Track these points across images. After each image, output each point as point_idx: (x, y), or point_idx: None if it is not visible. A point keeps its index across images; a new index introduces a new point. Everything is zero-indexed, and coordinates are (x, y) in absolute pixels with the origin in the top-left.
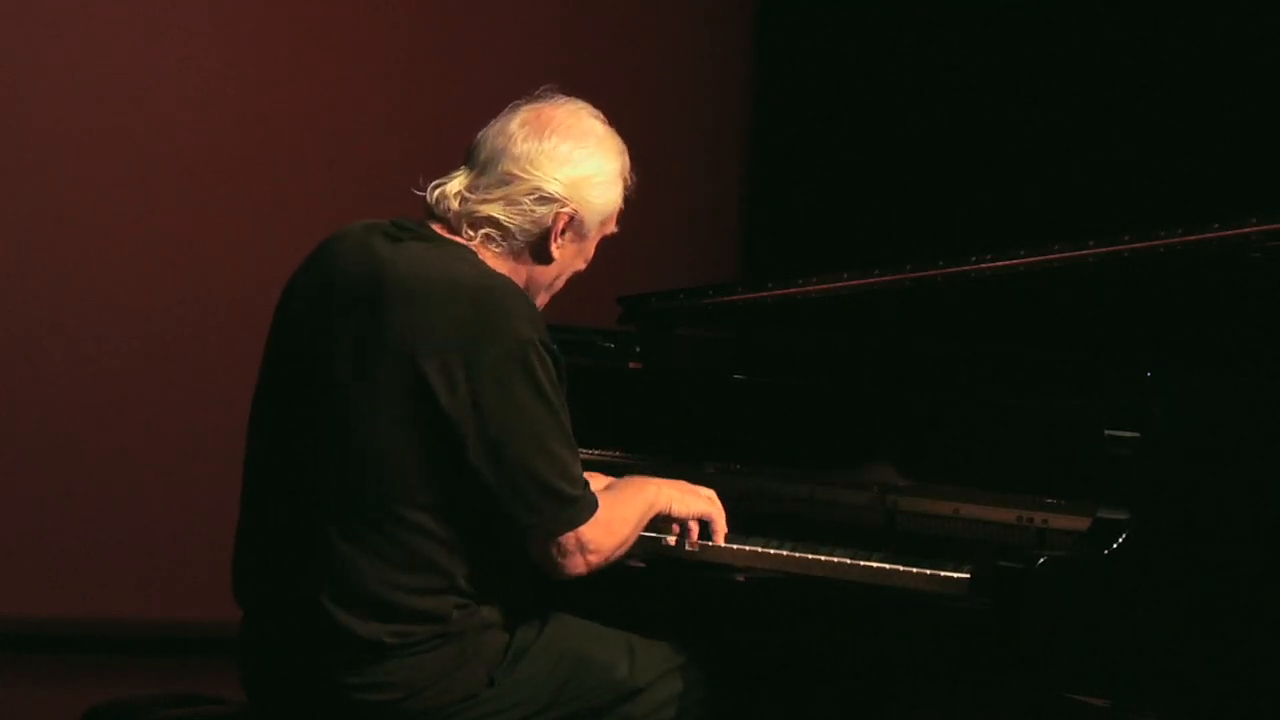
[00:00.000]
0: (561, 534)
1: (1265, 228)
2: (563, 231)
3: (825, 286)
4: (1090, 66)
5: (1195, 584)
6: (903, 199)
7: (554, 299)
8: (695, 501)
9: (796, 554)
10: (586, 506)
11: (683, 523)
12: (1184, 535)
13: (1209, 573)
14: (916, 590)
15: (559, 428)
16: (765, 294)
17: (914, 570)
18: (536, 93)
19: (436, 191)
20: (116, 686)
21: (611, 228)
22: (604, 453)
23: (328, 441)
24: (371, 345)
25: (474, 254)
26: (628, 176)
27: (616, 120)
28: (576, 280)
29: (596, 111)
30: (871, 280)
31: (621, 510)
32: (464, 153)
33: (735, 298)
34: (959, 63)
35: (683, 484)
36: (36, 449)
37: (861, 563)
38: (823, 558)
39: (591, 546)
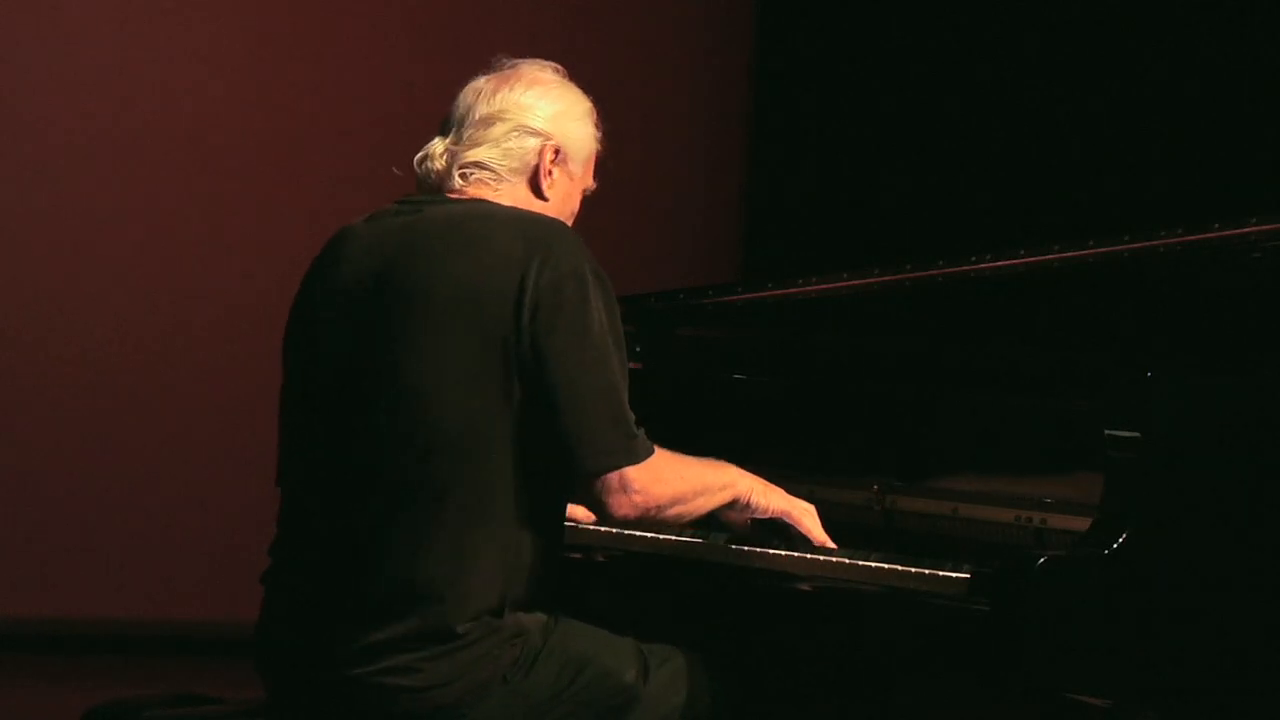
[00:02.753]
0: (607, 471)
1: (1265, 228)
2: (550, 170)
3: (825, 286)
4: (1091, 66)
5: (1195, 584)
6: (903, 198)
7: None
8: (777, 498)
9: (796, 554)
10: (640, 447)
11: (765, 521)
12: (1184, 535)
13: (1209, 572)
14: (916, 590)
15: (612, 362)
16: (765, 294)
17: (913, 570)
18: (491, 61)
19: (423, 160)
20: (116, 686)
21: (590, 181)
22: None
23: (395, 427)
24: (429, 306)
25: (499, 204)
26: (598, 124)
27: (617, 121)
28: None
29: (556, 65)
30: (871, 280)
31: (684, 468)
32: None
33: (735, 298)
34: (959, 63)
35: (772, 485)
36: (37, 450)
37: (861, 562)
38: (822, 558)
39: (636, 487)
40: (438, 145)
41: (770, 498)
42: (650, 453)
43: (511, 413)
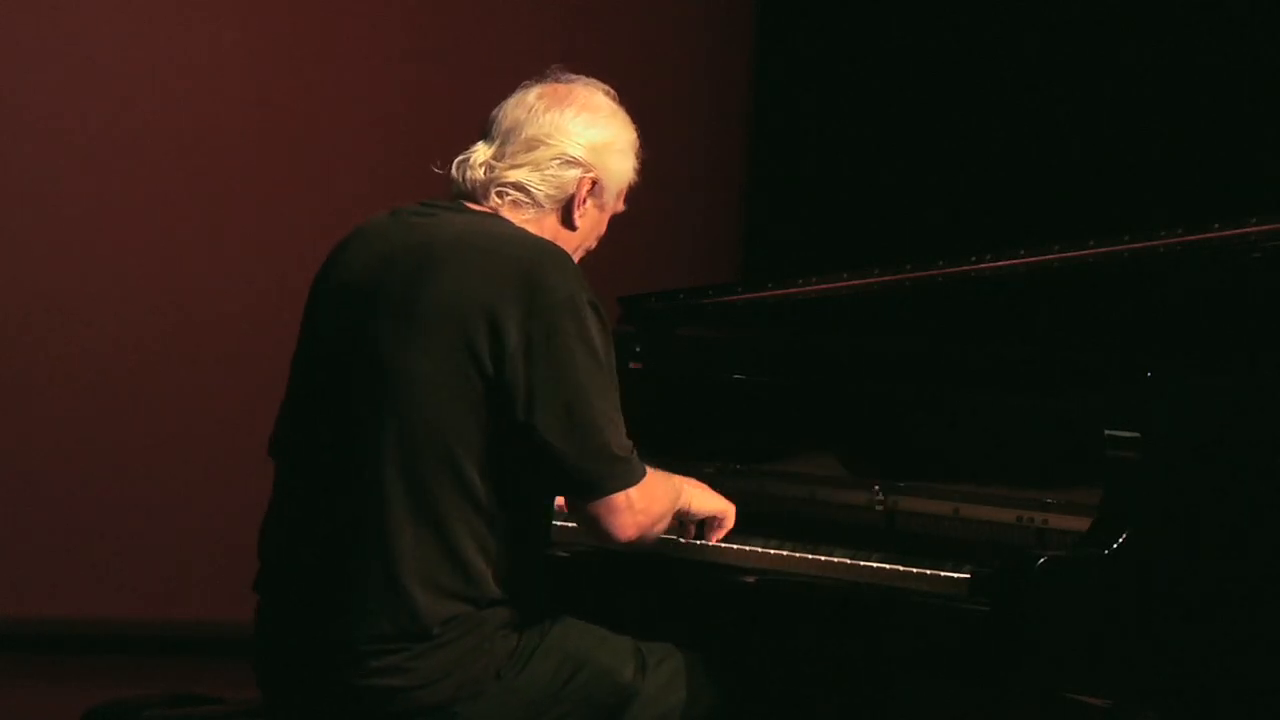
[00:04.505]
0: (613, 491)
1: (1265, 228)
2: (585, 199)
3: (825, 286)
4: (1091, 66)
5: (1195, 584)
6: (903, 199)
7: None
8: (713, 500)
9: (796, 554)
10: (637, 466)
11: (697, 521)
12: (1184, 535)
13: (1209, 572)
14: (916, 590)
15: (610, 386)
16: (765, 294)
17: (914, 570)
18: (546, 72)
19: (462, 164)
20: (116, 686)
21: (621, 205)
22: None
23: (379, 426)
24: (420, 312)
25: (510, 222)
26: (639, 154)
27: None
28: None
29: (607, 88)
30: (871, 280)
31: (662, 484)
32: (480, 129)
33: (735, 298)
34: (959, 63)
35: (702, 485)
36: (37, 450)
37: (861, 563)
38: (822, 558)
39: (639, 506)
40: (480, 153)
41: (706, 501)
42: (644, 470)
43: (486, 423)
